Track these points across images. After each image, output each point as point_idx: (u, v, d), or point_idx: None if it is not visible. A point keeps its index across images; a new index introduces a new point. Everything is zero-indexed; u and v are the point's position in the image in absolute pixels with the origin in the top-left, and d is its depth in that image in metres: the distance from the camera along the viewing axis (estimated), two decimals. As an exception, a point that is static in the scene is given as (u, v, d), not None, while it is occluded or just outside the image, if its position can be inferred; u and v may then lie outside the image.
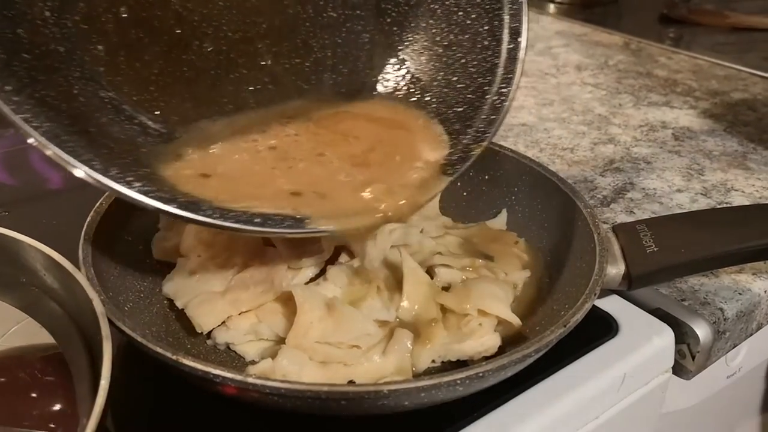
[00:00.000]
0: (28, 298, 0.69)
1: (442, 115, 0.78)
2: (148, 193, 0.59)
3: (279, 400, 0.59)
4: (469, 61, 0.78)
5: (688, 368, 0.79)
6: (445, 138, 0.75)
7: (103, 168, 0.58)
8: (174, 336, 0.72)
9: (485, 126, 0.74)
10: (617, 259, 0.75)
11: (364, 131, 0.76)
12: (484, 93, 0.75)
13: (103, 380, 0.54)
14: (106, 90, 0.67)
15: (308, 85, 0.78)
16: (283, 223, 0.63)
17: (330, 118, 0.77)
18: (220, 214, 0.61)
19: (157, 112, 0.70)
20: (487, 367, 0.59)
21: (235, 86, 0.74)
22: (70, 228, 0.74)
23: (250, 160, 0.70)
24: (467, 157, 0.73)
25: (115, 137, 0.65)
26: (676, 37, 1.75)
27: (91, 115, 0.65)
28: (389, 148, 0.75)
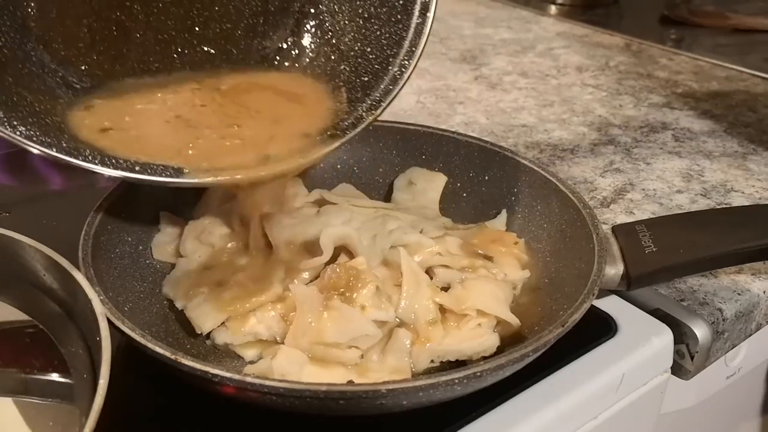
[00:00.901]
0: (27, 298, 0.69)
1: (350, 84, 0.80)
2: (31, 137, 0.63)
3: (277, 400, 0.59)
4: (383, 33, 0.80)
5: (686, 369, 0.79)
6: (335, 109, 0.78)
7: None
8: (173, 336, 0.73)
9: (381, 95, 0.76)
10: (616, 260, 0.75)
11: (265, 103, 0.79)
12: (389, 64, 0.78)
13: (101, 380, 0.54)
14: (34, 44, 0.71)
15: (233, 51, 0.83)
16: (163, 173, 0.66)
17: (237, 89, 0.80)
18: (100, 160, 0.64)
19: (83, 67, 0.75)
20: (485, 366, 0.59)
21: (161, 46, 0.80)
22: (70, 228, 0.74)
23: (153, 120, 0.74)
24: (358, 123, 0.75)
25: (30, 86, 0.69)
26: (677, 38, 1.75)
27: (12, 65, 0.69)
28: (281, 117, 0.78)
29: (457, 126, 1.21)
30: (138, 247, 0.80)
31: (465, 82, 1.40)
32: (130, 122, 0.72)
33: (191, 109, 0.76)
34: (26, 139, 0.63)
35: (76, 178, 1.00)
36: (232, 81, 0.81)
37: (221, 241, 0.79)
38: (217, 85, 0.79)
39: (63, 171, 0.63)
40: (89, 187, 0.99)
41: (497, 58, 1.54)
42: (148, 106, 0.74)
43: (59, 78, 0.72)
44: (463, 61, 1.52)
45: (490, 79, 1.42)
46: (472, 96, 1.34)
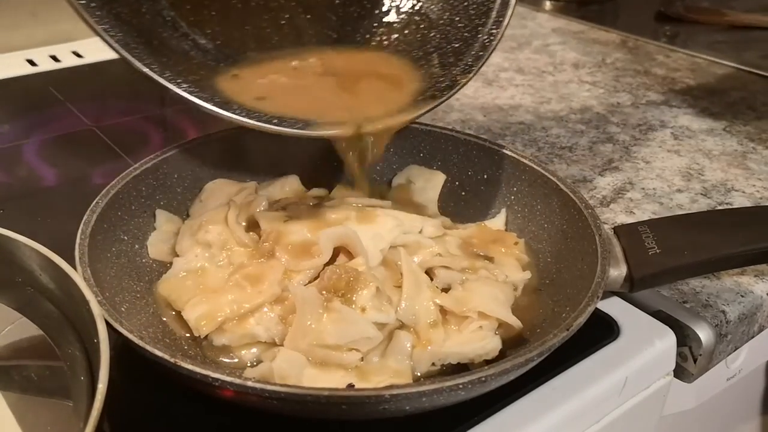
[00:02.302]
0: (23, 298, 0.68)
1: (441, 49, 0.88)
2: (192, 92, 0.74)
3: (278, 404, 0.58)
4: (470, 4, 0.88)
5: (689, 371, 0.79)
6: (430, 74, 0.87)
7: (159, 70, 0.73)
8: (170, 337, 0.72)
9: (473, 60, 0.84)
10: (619, 261, 0.74)
11: (369, 74, 0.90)
12: (478, 32, 0.85)
13: (100, 384, 0.53)
14: (168, 10, 0.83)
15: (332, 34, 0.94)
16: (295, 125, 0.77)
17: (344, 63, 0.91)
18: (246, 113, 0.75)
19: (208, 31, 0.85)
20: (489, 371, 0.58)
21: (274, 22, 0.91)
22: (67, 227, 0.73)
23: (284, 87, 0.85)
24: (454, 84, 0.82)
25: (172, 49, 0.81)
26: (673, 35, 1.74)
27: (155, 30, 0.80)
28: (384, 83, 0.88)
29: (454, 123, 1.20)
30: (134, 246, 0.79)
31: (461, 79, 1.39)
32: (267, 87, 0.83)
33: (312, 79, 0.87)
34: (188, 93, 0.74)
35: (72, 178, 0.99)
36: (338, 56, 0.91)
37: (218, 240, 0.78)
38: (326, 60, 0.90)
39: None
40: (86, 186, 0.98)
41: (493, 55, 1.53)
42: (280, 78, 0.85)
43: (190, 41, 0.84)
44: (459, 57, 1.51)
45: (486, 75, 1.41)
46: (468, 93, 1.33)
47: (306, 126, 0.77)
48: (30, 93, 1.33)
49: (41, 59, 1.45)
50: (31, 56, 1.46)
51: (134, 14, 0.78)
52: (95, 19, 0.72)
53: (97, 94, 1.33)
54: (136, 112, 1.24)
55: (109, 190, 0.78)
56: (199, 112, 0.74)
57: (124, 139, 1.13)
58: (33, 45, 1.50)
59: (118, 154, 1.08)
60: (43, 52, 1.48)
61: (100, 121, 1.19)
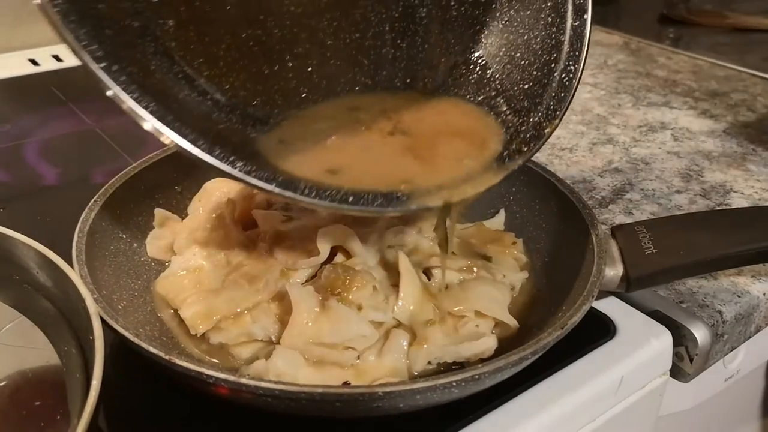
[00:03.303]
0: (20, 296, 0.68)
1: (506, 92, 0.77)
2: (250, 172, 0.60)
3: (273, 402, 0.58)
4: (532, 37, 0.77)
5: (685, 371, 0.79)
6: (503, 122, 0.75)
7: (208, 148, 0.60)
8: (168, 335, 0.72)
9: (555, 103, 0.73)
10: (615, 261, 0.74)
11: (441, 129, 0.76)
12: (551, 70, 0.75)
13: (94, 380, 0.54)
14: (179, 65, 0.68)
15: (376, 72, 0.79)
16: (374, 201, 0.64)
17: (412, 118, 0.76)
18: (316, 193, 0.62)
19: (226, 87, 0.70)
20: (483, 369, 0.58)
21: (300, 67, 0.75)
22: (64, 225, 0.73)
23: (350, 151, 0.72)
24: (540, 135, 0.72)
25: (194, 114, 0.66)
26: (676, 37, 1.74)
27: (169, 91, 0.66)
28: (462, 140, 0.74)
29: (455, 124, 1.20)
30: (132, 244, 0.79)
31: (463, 80, 1.39)
32: (328, 153, 0.70)
33: (380, 139, 0.73)
34: (245, 174, 0.61)
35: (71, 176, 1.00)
36: (402, 109, 0.77)
37: (216, 239, 0.79)
38: (390, 113, 0.76)
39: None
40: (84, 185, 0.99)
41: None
42: (337, 138, 0.72)
43: (209, 100, 0.69)
44: (461, 59, 1.51)
45: (488, 76, 1.41)
46: (469, 94, 1.33)
47: (389, 202, 0.65)
48: (32, 92, 1.33)
49: (43, 59, 1.45)
50: (33, 56, 1.46)
51: (144, 73, 0.64)
52: (121, 86, 0.60)
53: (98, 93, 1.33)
54: (138, 112, 1.24)
55: (107, 188, 0.78)
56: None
57: (126, 139, 1.13)
58: (35, 44, 1.50)
59: (119, 154, 1.09)
60: (46, 51, 1.49)
61: (101, 121, 1.19)
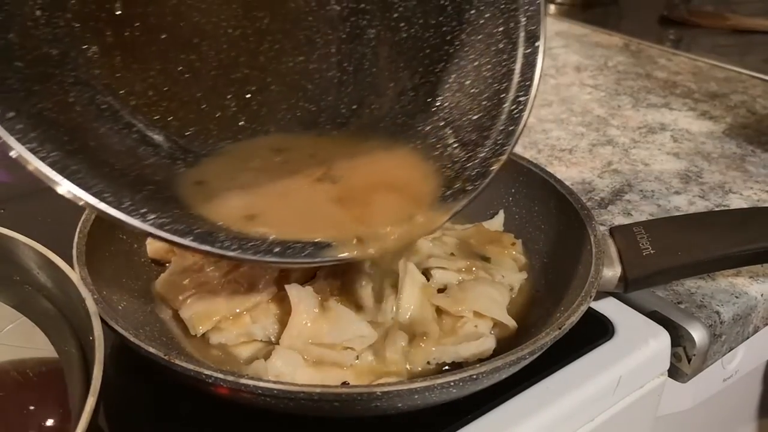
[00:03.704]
0: (21, 297, 0.69)
1: (455, 122, 0.73)
2: (162, 226, 0.57)
3: (272, 401, 0.59)
4: (483, 64, 0.73)
5: (683, 371, 0.79)
6: (451, 156, 0.72)
7: (116, 201, 0.56)
8: (168, 336, 0.72)
9: (504, 138, 0.69)
10: (614, 262, 0.74)
11: (377, 174, 0.73)
12: (501, 101, 0.71)
13: (94, 380, 0.54)
14: (103, 95, 0.64)
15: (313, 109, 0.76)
16: (302, 252, 0.61)
17: (343, 164, 0.73)
18: (238, 245, 0.59)
19: (156, 117, 0.67)
20: (481, 369, 0.58)
21: (238, 97, 0.72)
22: (65, 226, 0.73)
23: (277, 198, 0.68)
24: (486, 173, 0.69)
25: (115, 150, 0.63)
26: (676, 38, 1.74)
27: (89, 125, 0.62)
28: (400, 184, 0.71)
29: (455, 125, 1.21)
30: (132, 245, 0.79)
31: (463, 81, 1.40)
32: (251, 199, 0.67)
33: (307, 186, 0.70)
34: (158, 228, 0.57)
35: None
36: (335, 155, 0.73)
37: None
38: (321, 158, 0.73)
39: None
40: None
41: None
42: (260, 180, 0.69)
43: (135, 133, 0.66)
44: (462, 60, 1.51)
45: (489, 78, 1.42)
46: (470, 95, 1.33)
47: (317, 252, 0.62)
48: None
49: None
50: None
51: (61, 108, 0.60)
52: (17, 136, 0.55)
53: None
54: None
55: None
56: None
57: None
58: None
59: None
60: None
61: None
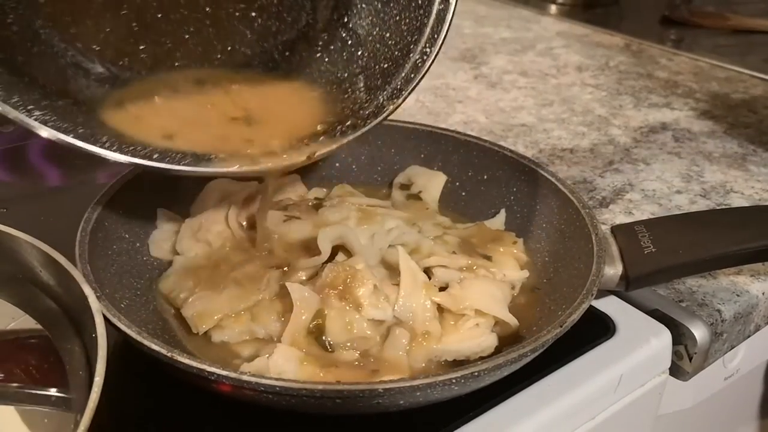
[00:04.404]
0: (24, 295, 0.69)
1: (368, 71, 0.79)
2: (46, 122, 0.61)
3: (273, 398, 0.59)
4: (403, 18, 0.78)
5: (685, 369, 0.79)
6: (354, 98, 0.78)
7: (5, 94, 0.60)
8: (170, 334, 0.72)
9: (403, 83, 0.75)
10: (615, 260, 0.75)
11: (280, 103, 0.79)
12: (409, 52, 0.76)
13: (97, 377, 0.54)
14: (44, 21, 0.69)
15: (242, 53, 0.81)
16: (181, 160, 0.66)
17: (251, 90, 0.79)
18: (117, 147, 0.64)
19: (94, 47, 0.72)
20: (482, 366, 0.59)
21: (175, 35, 0.77)
22: (68, 225, 0.74)
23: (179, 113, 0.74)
24: (380, 112, 0.74)
25: (40, 66, 0.68)
26: (677, 38, 1.74)
27: (22, 44, 0.67)
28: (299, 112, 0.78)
29: (457, 125, 1.21)
30: (135, 244, 0.80)
31: (464, 81, 1.40)
32: (156, 112, 0.72)
33: (211, 108, 0.75)
34: (41, 123, 0.61)
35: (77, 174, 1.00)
36: (245, 84, 0.79)
37: (218, 238, 0.79)
38: (232, 86, 0.78)
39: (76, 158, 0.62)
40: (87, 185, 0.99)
41: (497, 57, 1.54)
42: (174, 103, 0.74)
43: (72, 60, 0.71)
44: (463, 60, 1.52)
45: (490, 78, 1.42)
46: (471, 95, 1.33)
47: (196, 162, 0.67)
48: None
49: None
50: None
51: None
52: None
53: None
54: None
55: (110, 188, 0.78)
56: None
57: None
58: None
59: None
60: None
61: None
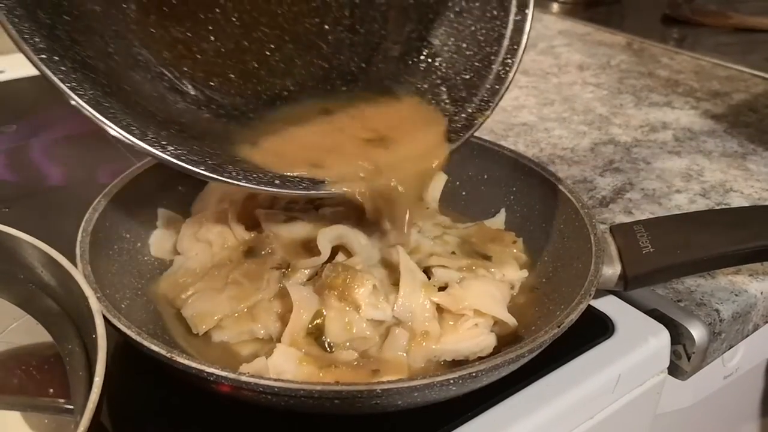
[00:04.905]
0: (24, 295, 0.69)
1: (449, 81, 0.81)
2: (179, 156, 0.65)
3: (272, 399, 0.59)
4: (478, 29, 0.80)
5: (683, 369, 0.79)
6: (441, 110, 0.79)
7: (140, 133, 0.64)
8: (170, 334, 0.72)
9: (489, 96, 0.77)
10: (614, 260, 0.75)
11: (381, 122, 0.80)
12: (491, 62, 0.78)
13: (97, 377, 0.54)
14: (138, 48, 0.72)
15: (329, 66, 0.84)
16: (300, 185, 0.69)
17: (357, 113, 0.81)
18: (243, 176, 0.67)
19: (185, 69, 0.75)
20: (480, 367, 0.59)
21: (258, 53, 0.80)
22: (69, 225, 0.74)
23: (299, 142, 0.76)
24: (471, 125, 0.76)
25: (147, 94, 0.71)
26: (679, 37, 1.74)
27: (125, 72, 0.70)
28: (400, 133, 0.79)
29: (457, 124, 1.21)
30: (136, 244, 0.80)
31: (465, 80, 1.40)
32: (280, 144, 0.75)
33: (332, 133, 0.78)
34: (174, 158, 0.65)
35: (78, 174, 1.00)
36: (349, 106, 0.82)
37: (218, 238, 0.79)
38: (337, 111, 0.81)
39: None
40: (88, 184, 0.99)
41: (498, 56, 1.53)
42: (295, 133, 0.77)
43: (166, 81, 0.74)
44: (464, 59, 1.51)
45: (491, 77, 1.42)
46: (472, 94, 1.33)
47: (312, 186, 0.70)
48: (37, 94, 1.33)
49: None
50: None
51: (101, 56, 0.68)
52: (60, 76, 0.61)
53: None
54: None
55: (111, 188, 0.79)
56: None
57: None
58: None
59: (123, 155, 1.09)
60: (52, 53, 1.49)
61: (106, 122, 1.20)
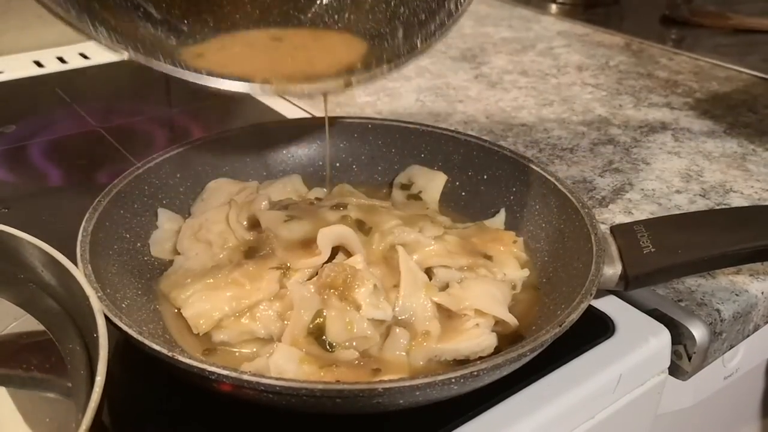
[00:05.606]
0: (25, 295, 0.69)
1: (408, 23, 0.81)
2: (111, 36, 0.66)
3: (274, 398, 0.59)
4: None
5: (684, 369, 0.79)
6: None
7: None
8: (170, 333, 0.72)
9: (436, 27, 0.77)
10: (614, 260, 0.75)
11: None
12: (445, 1, 0.78)
13: (98, 376, 0.54)
14: None
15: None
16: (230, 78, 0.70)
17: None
18: (172, 62, 0.69)
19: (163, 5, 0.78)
20: (481, 366, 0.59)
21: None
22: (69, 225, 0.74)
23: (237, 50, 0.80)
24: (413, 51, 0.76)
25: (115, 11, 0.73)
26: (678, 38, 1.74)
27: None
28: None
29: (457, 125, 1.21)
30: (136, 243, 0.80)
31: (465, 81, 1.40)
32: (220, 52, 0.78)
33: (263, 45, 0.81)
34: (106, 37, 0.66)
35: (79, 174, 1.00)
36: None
37: (218, 239, 0.79)
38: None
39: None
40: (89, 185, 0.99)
41: (497, 57, 1.54)
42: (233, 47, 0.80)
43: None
44: (464, 60, 1.52)
45: (490, 77, 1.42)
46: (471, 95, 1.33)
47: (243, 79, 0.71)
48: (37, 94, 1.34)
49: (48, 61, 1.46)
50: (38, 57, 1.47)
51: None
52: None
53: (103, 95, 1.34)
54: (142, 113, 1.25)
55: (111, 188, 0.79)
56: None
57: (130, 140, 1.14)
58: (40, 46, 1.51)
59: (124, 155, 1.09)
60: (50, 53, 1.49)
61: (105, 122, 1.20)
